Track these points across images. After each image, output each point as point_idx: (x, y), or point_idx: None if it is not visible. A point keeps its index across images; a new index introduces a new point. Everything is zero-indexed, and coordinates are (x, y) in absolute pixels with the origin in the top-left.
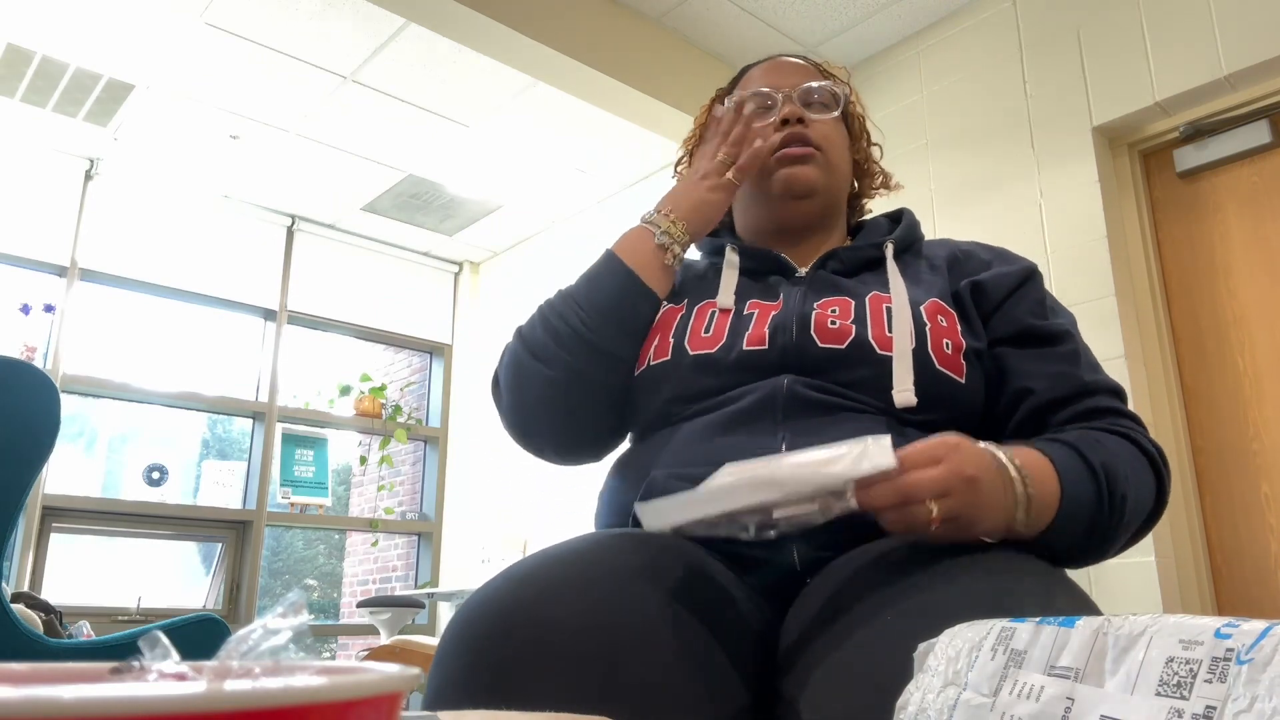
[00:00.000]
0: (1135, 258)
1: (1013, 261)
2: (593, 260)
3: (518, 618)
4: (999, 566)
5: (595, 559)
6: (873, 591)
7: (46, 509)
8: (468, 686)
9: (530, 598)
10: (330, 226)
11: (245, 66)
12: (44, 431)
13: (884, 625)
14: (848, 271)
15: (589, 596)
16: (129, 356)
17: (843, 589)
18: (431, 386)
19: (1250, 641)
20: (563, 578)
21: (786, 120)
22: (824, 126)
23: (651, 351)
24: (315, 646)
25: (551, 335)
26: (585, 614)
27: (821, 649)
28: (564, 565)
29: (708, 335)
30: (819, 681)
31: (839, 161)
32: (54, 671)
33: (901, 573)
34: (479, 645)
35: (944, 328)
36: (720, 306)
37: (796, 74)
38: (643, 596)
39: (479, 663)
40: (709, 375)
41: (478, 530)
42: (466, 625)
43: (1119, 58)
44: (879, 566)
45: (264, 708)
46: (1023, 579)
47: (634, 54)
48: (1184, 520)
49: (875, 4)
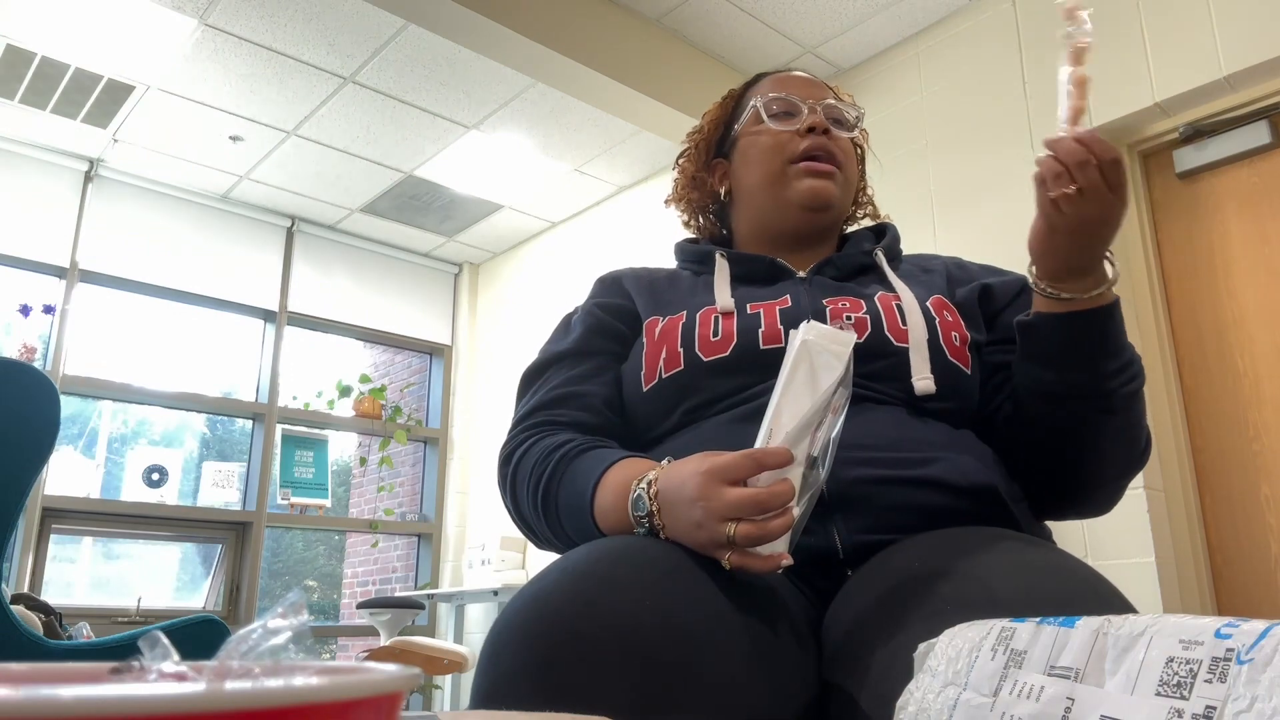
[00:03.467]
0: (1135, 258)
1: (1005, 273)
2: (592, 259)
3: (582, 614)
4: (1042, 561)
5: (649, 554)
6: (922, 582)
7: (46, 510)
8: (530, 683)
9: (592, 593)
10: (330, 227)
11: (245, 67)
12: (44, 432)
13: (939, 614)
14: (843, 276)
15: (650, 592)
16: (129, 357)
17: (892, 579)
18: (431, 387)
19: (1250, 641)
20: (621, 573)
21: (813, 129)
22: (844, 144)
23: (661, 364)
24: (315, 647)
25: (533, 523)
26: (652, 611)
27: (875, 638)
28: (618, 560)
29: (717, 339)
30: (875, 671)
31: (852, 180)
32: (54, 672)
33: (942, 554)
34: (543, 641)
35: (950, 321)
36: (721, 310)
37: (820, 89)
38: (704, 593)
39: (545, 659)
40: (725, 377)
41: (478, 531)
42: (527, 620)
43: (1119, 58)
44: (927, 557)
45: (264, 708)
46: (1073, 576)
47: (633, 54)
48: (1184, 520)
49: (875, 4)
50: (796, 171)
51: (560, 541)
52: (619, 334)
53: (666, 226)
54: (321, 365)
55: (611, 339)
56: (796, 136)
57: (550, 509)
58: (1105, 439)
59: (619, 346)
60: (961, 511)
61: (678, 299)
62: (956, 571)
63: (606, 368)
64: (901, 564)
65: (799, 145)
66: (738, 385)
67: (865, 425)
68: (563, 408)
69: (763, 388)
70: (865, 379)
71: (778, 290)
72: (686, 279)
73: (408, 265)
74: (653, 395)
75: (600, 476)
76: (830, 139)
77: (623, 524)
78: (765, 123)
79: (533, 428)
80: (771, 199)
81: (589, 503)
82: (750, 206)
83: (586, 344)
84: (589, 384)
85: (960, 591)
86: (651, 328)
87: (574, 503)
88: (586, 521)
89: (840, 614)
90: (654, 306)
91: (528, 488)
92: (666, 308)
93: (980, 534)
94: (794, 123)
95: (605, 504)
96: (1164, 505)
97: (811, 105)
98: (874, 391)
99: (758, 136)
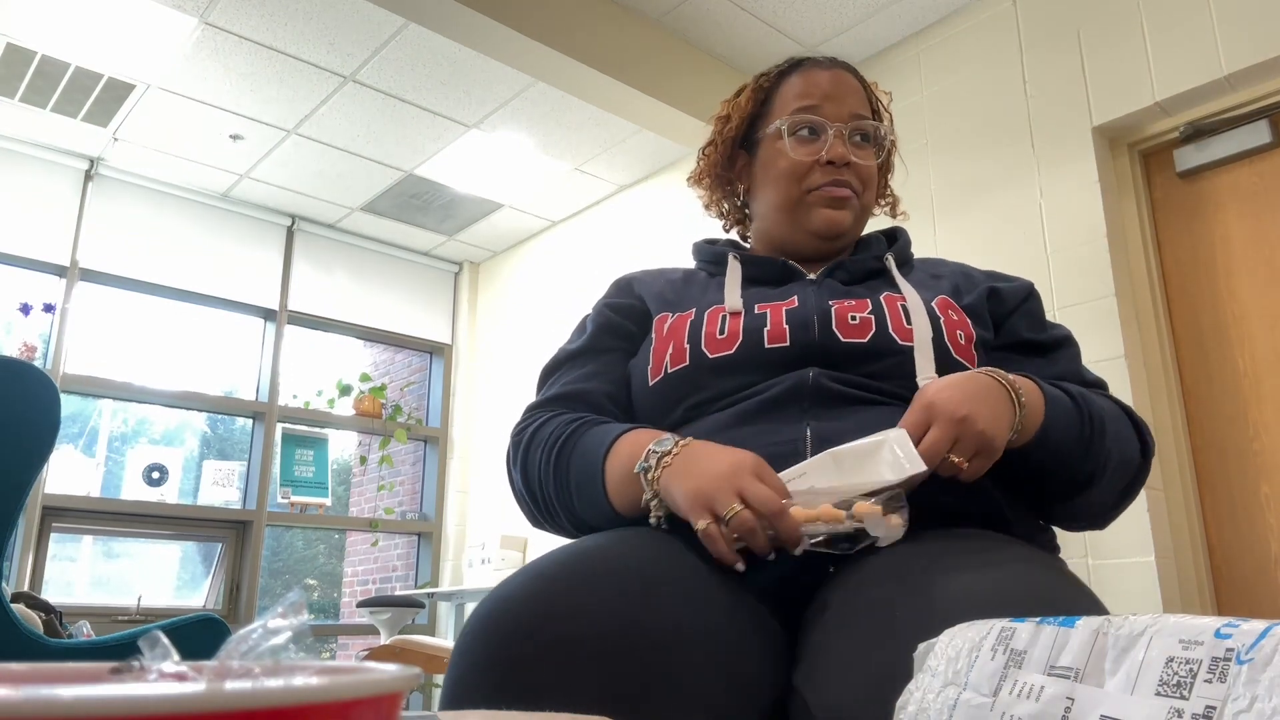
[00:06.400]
0: (1135, 258)
1: (1012, 279)
2: (592, 258)
3: (541, 616)
4: (1001, 559)
5: (618, 557)
6: (880, 587)
7: (46, 509)
8: (487, 682)
9: (556, 594)
10: (330, 226)
11: (246, 65)
12: (44, 431)
13: (888, 619)
14: (853, 280)
15: (614, 595)
16: (129, 356)
17: (856, 586)
18: (431, 387)
19: (1250, 641)
20: (586, 576)
21: (832, 162)
22: (865, 169)
23: (668, 359)
24: (315, 646)
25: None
26: (611, 614)
27: (828, 642)
28: (586, 563)
29: (723, 337)
30: (823, 672)
31: (870, 202)
32: (54, 671)
33: (909, 570)
34: (500, 641)
35: (955, 321)
36: (730, 310)
37: (850, 99)
38: (667, 595)
39: (499, 659)
40: (730, 376)
41: (478, 530)
42: (488, 621)
43: (1119, 58)
44: (890, 564)
45: (264, 708)
46: (1027, 571)
47: (634, 54)
48: (1184, 520)
49: (875, 4)
50: (814, 200)
51: (563, 514)
52: (628, 333)
53: (667, 226)
54: (322, 364)
55: (621, 338)
56: (817, 166)
57: (562, 471)
58: (1091, 499)
59: (628, 345)
60: (950, 512)
61: (689, 298)
62: (906, 577)
63: (615, 366)
64: (862, 571)
65: (817, 178)
66: (741, 383)
67: (863, 425)
68: (569, 403)
69: (764, 386)
70: (869, 378)
71: (787, 291)
72: (701, 279)
73: (408, 264)
74: (658, 390)
75: (619, 435)
76: (850, 168)
77: (626, 476)
78: (786, 140)
79: (546, 410)
80: (787, 222)
81: (606, 450)
82: (766, 219)
83: (596, 343)
84: (596, 381)
85: (905, 595)
86: (660, 324)
87: (587, 459)
88: (596, 472)
89: (807, 618)
90: (664, 304)
91: (542, 451)
92: (677, 305)
93: (953, 539)
94: (816, 148)
95: (620, 454)
96: (1164, 505)
97: (838, 128)
98: (876, 392)
99: (778, 156)
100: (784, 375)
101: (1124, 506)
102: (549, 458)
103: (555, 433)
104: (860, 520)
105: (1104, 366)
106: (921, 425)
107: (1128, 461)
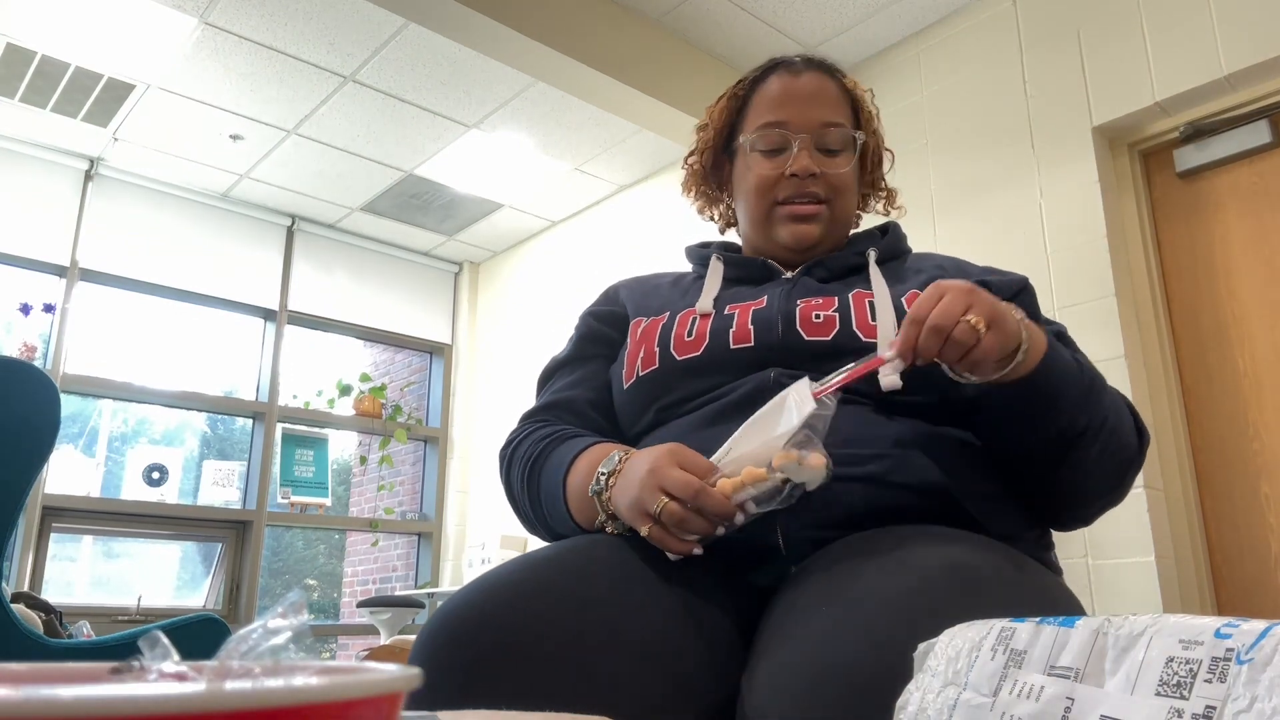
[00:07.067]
0: (1135, 258)
1: (1005, 273)
2: (592, 258)
3: (485, 622)
4: (961, 547)
5: (571, 563)
6: (823, 585)
7: (46, 509)
8: (436, 690)
9: (503, 601)
10: (330, 226)
11: (245, 65)
12: (44, 431)
13: (821, 617)
14: (831, 277)
15: (560, 600)
16: (129, 356)
17: (805, 583)
18: (431, 387)
19: (1250, 641)
20: (534, 582)
21: (796, 174)
22: (835, 177)
23: (639, 362)
24: (315, 646)
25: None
26: (554, 619)
27: (769, 641)
28: (537, 570)
29: (691, 339)
30: (755, 674)
31: (846, 208)
32: (54, 671)
33: (857, 564)
34: (446, 650)
35: None
36: (700, 312)
37: (816, 105)
38: (615, 599)
39: (448, 665)
40: (697, 377)
41: (478, 530)
42: (436, 631)
43: (1119, 58)
44: (840, 560)
45: (264, 708)
46: (989, 557)
47: (634, 54)
48: (1184, 520)
49: (875, 4)
50: (782, 215)
51: (541, 527)
52: (610, 340)
53: (667, 226)
54: (322, 364)
55: (603, 345)
56: (783, 179)
57: (534, 489)
58: (1084, 466)
59: (610, 351)
60: (907, 509)
61: (668, 301)
62: (851, 574)
63: (598, 373)
64: (816, 567)
65: (785, 190)
66: (709, 385)
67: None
68: (555, 412)
69: (730, 388)
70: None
71: (760, 291)
72: (688, 282)
73: (408, 264)
74: (631, 394)
75: (578, 455)
76: (817, 179)
77: (583, 495)
78: (750, 155)
79: (533, 421)
80: (761, 233)
81: (565, 470)
82: (744, 225)
83: (580, 351)
84: (580, 389)
85: (842, 592)
86: (635, 328)
87: (552, 477)
88: (559, 493)
89: (763, 616)
90: (642, 309)
91: (519, 469)
92: (653, 310)
93: (899, 535)
94: (781, 161)
95: (578, 472)
96: (1164, 505)
97: (803, 139)
98: (842, 388)
99: (746, 171)
100: (749, 376)
101: (1115, 499)
102: (524, 475)
103: (528, 452)
104: (780, 469)
105: (1104, 366)
106: (932, 298)
107: (1125, 445)
